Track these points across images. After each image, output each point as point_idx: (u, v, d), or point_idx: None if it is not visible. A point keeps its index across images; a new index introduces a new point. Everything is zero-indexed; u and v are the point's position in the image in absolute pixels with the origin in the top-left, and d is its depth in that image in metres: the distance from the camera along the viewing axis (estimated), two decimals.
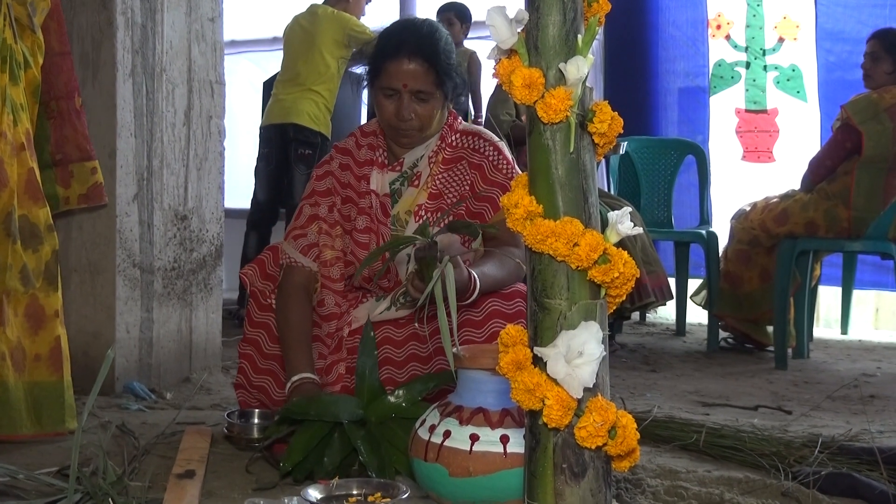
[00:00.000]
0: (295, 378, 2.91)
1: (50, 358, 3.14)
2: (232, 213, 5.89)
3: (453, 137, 3.14)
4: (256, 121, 6.66)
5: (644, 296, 5.18)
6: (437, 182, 3.09)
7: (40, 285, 3.14)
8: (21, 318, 3.11)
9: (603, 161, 6.01)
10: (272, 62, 6.38)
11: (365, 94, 3.28)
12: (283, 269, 3.14)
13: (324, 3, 6.27)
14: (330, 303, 3.10)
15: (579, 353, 1.70)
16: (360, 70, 3.23)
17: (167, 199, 4.09)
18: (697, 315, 6.41)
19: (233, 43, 7.98)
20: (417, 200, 3.09)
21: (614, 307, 1.83)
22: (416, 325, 2.92)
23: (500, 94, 5.79)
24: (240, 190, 7.91)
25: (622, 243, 1.82)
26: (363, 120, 7.21)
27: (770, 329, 5.43)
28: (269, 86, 6.57)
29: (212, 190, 4.29)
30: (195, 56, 4.20)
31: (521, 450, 1.97)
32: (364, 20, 6.39)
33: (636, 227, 1.83)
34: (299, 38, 6.13)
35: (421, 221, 3.03)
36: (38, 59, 3.25)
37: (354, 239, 3.12)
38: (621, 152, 5.91)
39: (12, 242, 3.08)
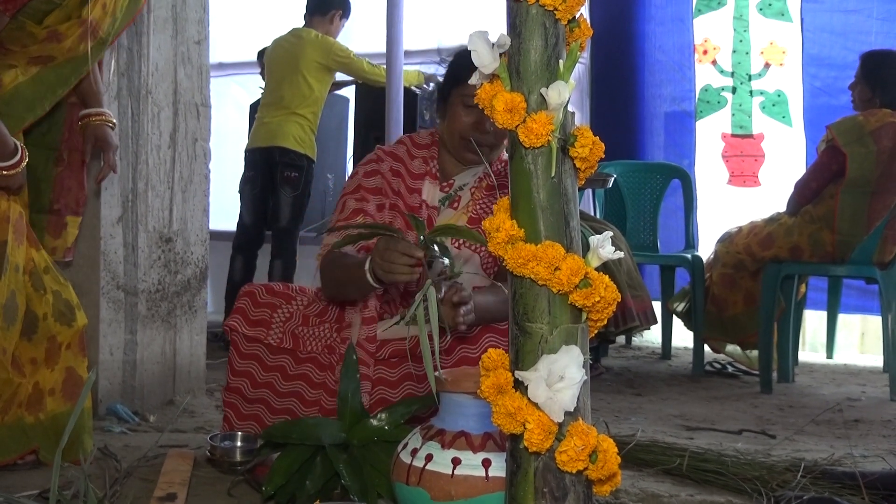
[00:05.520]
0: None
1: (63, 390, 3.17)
2: (217, 236, 5.88)
3: (500, 165, 3.15)
4: (244, 143, 6.66)
5: (629, 320, 5.17)
6: (478, 207, 3.10)
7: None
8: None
9: None
10: (259, 84, 6.39)
11: (352, 116, 3.27)
12: (323, 256, 3.03)
13: (305, 25, 6.27)
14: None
15: (560, 377, 1.70)
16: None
17: (152, 222, 4.08)
18: (683, 339, 6.41)
19: (220, 65, 7.99)
20: (457, 223, 3.09)
21: (596, 331, 1.83)
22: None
23: None
24: (226, 212, 7.90)
25: (606, 267, 1.82)
26: (350, 142, 7.22)
27: (754, 353, 5.45)
28: (256, 108, 6.57)
29: (197, 212, 4.29)
30: (181, 79, 4.20)
31: (502, 474, 1.96)
32: (351, 43, 6.41)
33: (618, 252, 1.83)
34: (282, 61, 6.14)
35: (456, 244, 3.06)
36: None
37: None
38: (609, 186, 5.91)
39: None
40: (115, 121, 3.38)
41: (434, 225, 3.08)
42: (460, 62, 3.02)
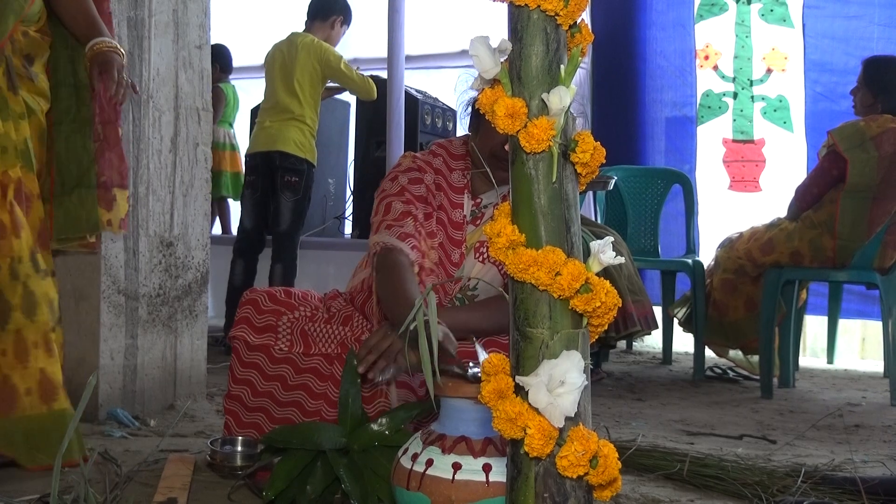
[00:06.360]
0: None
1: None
2: (218, 240, 5.88)
3: None
4: (245, 147, 6.66)
5: (629, 325, 5.18)
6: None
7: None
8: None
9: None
10: (261, 89, 6.40)
11: (353, 121, 3.22)
12: (378, 255, 2.90)
13: (305, 30, 6.28)
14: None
15: (561, 382, 1.70)
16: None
17: (153, 226, 4.08)
18: (684, 344, 6.41)
19: None
20: (480, 238, 3.09)
21: (596, 336, 1.82)
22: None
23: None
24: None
25: (607, 272, 1.82)
26: (351, 148, 7.23)
27: (756, 358, 5.45)
28: (257, 113, 6.58)
29: (198, 217, 4.28)
30: (182, 83, 4.21)
31: (503, 479, 1.96)
32: (351, 49, 6.41)
33: (618, 257, 1.83)
34: (279, 66, 6.14)
35: (480, 258, 3.07)
36: (40, 104, 3.25)
37: (447, 270, 3.06)
38: (609, 188, 5.91)
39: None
40: (117, 46, 3.31)
41: (465, 239, 3.10)
42: None
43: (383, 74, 6.34)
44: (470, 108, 3.18)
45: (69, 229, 3.39)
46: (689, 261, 5.88)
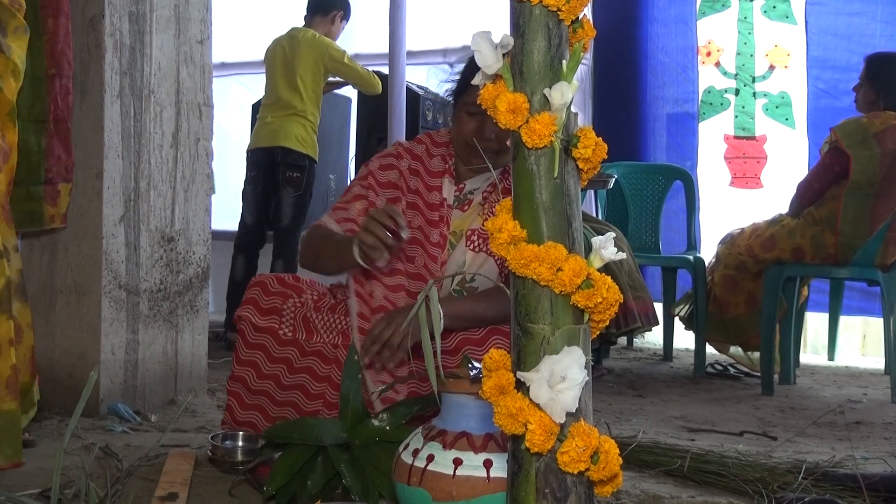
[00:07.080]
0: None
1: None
2: (219, 236, 5.87)
3: None
4: (246, 143, 6.66)
5: (630, 321, 5.17)
6: (495, 210, 3.08)
7: None
8: None
9: None
10: (261, 84, 6.39)
11: (354, 116, 3.27)
12: (310, 227, 3.14)
13: (305, 25, 6.27)
14: (379, 295, 3.07)
15: (562, 377, 1.70)
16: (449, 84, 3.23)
17: (154, 221, 4.08)
18: (684, 340, 6.41)
19: (223, 65, 7.99)
20: (471, 225, 3.11)
21: (598, 332, 1.82)
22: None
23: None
24: (228, 212, 7.90)
25: (608, 268, 1.82)
26: (352, 144, 7.22)
27: (756, 355, 5.44)
28: (258, 108, 6.58)
29: (199, 212, 4.28)
30: (183, 78, 4.20)
31: (504, 474, 1.96)
32: (353, 44, 6.40)
33: (620, 252, 1.83)
34: (280, 61, 6.13)
35: (472, 247, 3.10)
36: (9, 81, 3.11)
37: (428, 252, 3.09)
38: (609, 187, 5.90)
39: None
40: None
41: (449, 224, 3.12)
42: (467, 71, 3.06)
43: (385, 70, 6.33)
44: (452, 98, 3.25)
45: (15, 223, 3.37)
46: (690, 257, 5.87)
